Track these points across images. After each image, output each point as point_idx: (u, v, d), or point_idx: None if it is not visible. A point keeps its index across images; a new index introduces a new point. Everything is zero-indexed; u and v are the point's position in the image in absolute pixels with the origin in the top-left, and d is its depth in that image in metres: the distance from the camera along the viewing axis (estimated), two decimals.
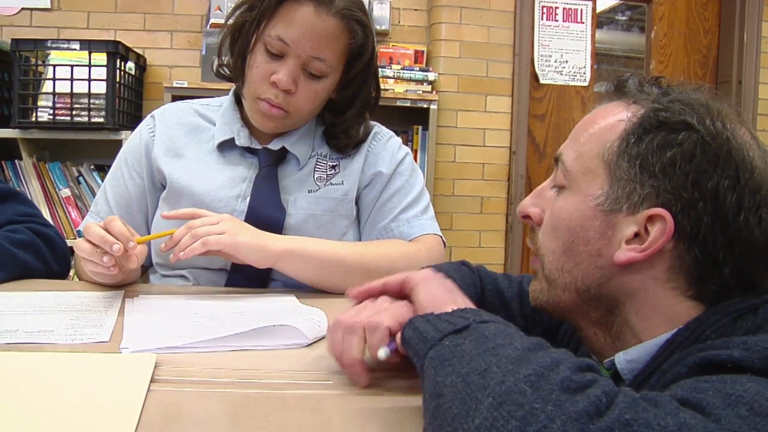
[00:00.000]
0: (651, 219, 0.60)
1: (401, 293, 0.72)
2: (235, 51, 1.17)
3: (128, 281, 1.10)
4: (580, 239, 0.64)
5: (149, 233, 1.21)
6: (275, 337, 0.80)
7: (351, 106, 1.22)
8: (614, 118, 0.64)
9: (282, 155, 1.20)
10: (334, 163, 1.23)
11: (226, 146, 1.21)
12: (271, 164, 1.19)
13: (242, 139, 1.20)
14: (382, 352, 0.60)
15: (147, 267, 1.28)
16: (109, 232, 0.94)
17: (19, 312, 0.89)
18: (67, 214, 2.46)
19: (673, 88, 0.65)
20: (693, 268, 0.60)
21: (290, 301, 1.03)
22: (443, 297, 0.65)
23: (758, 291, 0.60)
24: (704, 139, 0.59)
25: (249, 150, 1.21)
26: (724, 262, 0.59)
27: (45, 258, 1.15)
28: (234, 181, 1.18)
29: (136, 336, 0.80)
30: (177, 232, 1.02)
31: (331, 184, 1.21)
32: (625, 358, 0.63)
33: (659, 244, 0.59)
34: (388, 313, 0.67)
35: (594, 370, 0.48)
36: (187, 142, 1.22)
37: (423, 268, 0.87)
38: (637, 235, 0.61)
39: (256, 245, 1.04)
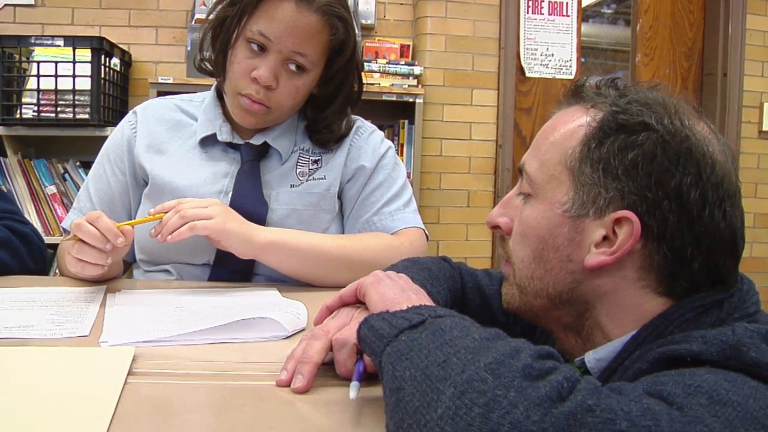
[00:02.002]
0: (618, 221, 0.60)
1: (358, 301, 0.72)
2: (216, 46, 1.17)
3: (111, 276, 1.10)
4: (550, 246, 0.64)
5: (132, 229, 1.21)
6: (255, 329, 0.81)
7: (333, 102, 1.22)
8: (574, 124, 0.65)
9: (264, 150, 1.21)
10: (317, 158, 1.24)
11: (208, 142, 1.21)
12: (253, 159, 1.19)
13: (224, 135, 1.20)
14: (353, 393, 0.58)
15: (130, 263, 1.28)
16: (96, 228, 0.94)
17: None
18: (53, 212, 2.45)
19: (630, 89, 0.65)
20: (663, 265, 0.60)
21: (272, 294, 1.04)
22: (395, 297, 0.64)
23: (726, 285, 0.61)
24: (664, 139, 0.59)
25: (231, 145, 1.21)
26: (693, 257, 0.60)
27: (21, 256, 1.14)
28: (216, 176, 1.18)
29: (115, 330, 0.80)
30: (166, 216, 1.02)
31: (313, 178, 1.21)
32: (594, 357, 0.64)
33: (628, 246, 0.60)
34: (354, 328, 0.64)
35: (554, 358, 0.49)
36: (169, 138, 1.22)
37: (402, 259, 0.89)
38: (606, 238, 0.61)
39: (242, 234, 1.05)
